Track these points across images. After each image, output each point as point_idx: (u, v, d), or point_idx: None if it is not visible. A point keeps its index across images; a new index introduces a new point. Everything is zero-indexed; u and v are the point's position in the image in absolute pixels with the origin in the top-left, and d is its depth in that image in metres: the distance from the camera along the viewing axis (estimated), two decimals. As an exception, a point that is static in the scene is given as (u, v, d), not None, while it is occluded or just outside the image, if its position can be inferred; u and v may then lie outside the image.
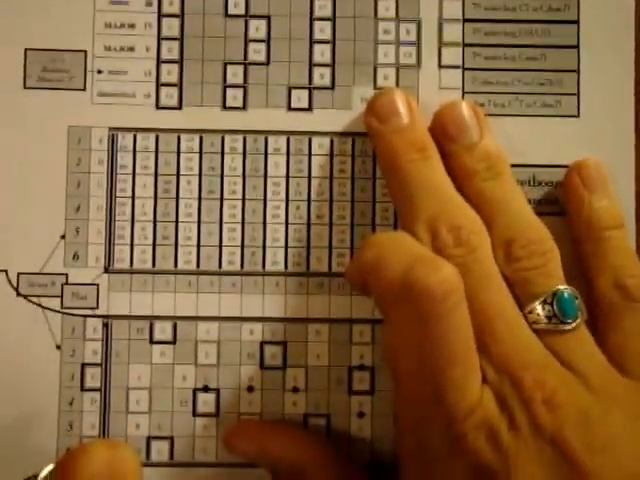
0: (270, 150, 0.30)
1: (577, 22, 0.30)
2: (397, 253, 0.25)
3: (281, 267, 0.29)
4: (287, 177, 0.30)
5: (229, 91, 0.30)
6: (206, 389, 0.29)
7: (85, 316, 0.29)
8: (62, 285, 0.29)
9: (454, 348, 0.24)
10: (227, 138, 0.30)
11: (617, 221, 0.28)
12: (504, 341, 0.25)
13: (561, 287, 0.26)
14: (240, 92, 0.30)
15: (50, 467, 0.21)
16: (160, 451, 0.29)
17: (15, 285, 0.29)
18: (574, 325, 0.26)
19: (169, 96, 0.30)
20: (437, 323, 0.24)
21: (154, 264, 0.29)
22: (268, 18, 0.30)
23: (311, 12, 0.30)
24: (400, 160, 0.28)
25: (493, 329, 0.25)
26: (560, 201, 0.30)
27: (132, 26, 0.30)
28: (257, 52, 0.30)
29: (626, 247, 0.28)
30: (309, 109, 0.30)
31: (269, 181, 0.30)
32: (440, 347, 0.24)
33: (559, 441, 0.24)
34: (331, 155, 0.30)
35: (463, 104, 0.29)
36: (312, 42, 0.30)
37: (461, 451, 0.24)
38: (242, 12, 0.30)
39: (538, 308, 0.26)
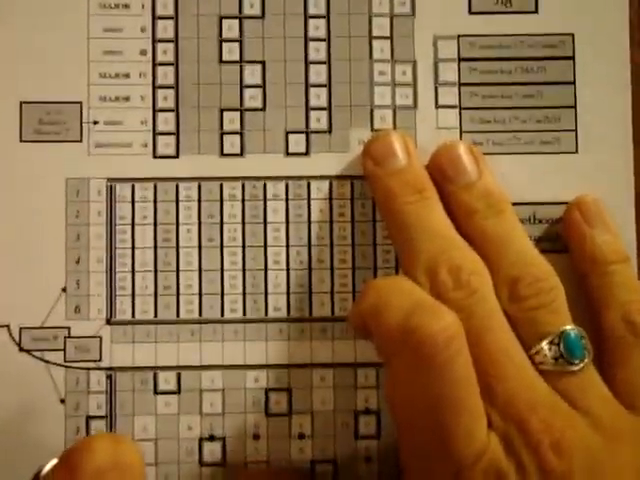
0: (269, 196, 0.30)
1: (573, 58, 0.30)
2: (397, 298, 0.25)
3: (284, 313, 0.29)
4: (287, 222, 0.29)
5: (226, 138, 0.30)
6: (212, 438, 0.29)
7: (89, 369, 0.29)
8: (65, 338, 0.29)
9: (458, 395, 0.24)
10: (225, 185, 0.30)
11: (620, 255, 0.28)
12: (509, 383, 0.25)
13: (568, 327, 0.26)
14: (237, 139, 0.30)
15: (54, 461, 0.21)
16: (168, 502, 0.29)
17: (17, 340, 0.29)
18: (581, 366, 0.25)
19: (166, 145, 0.30)
20: (439, 371, 0.24)
21: (156, 314, 0.29)
22: (263, 63, 0.30)
23: (306, 55, 0.30)
24: (397, 202, 0.27)
25: (497, 371, 0.25)
26: (561, 238, 0.30)
27: (127, 76, 0.30)
28: (253, 98, 0.30)
29: (632, 281, 0.28)
30: (307, 153, 0.30)
31: (269, 227, 0.30)
32: (444, 395, 0.24)
33: None
34: (330, 199, 0.30)
35: (460, 144, 0.28)
36: (308, 86, 0.30)
37: None
38: (236, 58, 0.30)
39: (545, 349, 0.25)
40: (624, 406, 0.26)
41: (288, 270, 0.29)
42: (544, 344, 0.25)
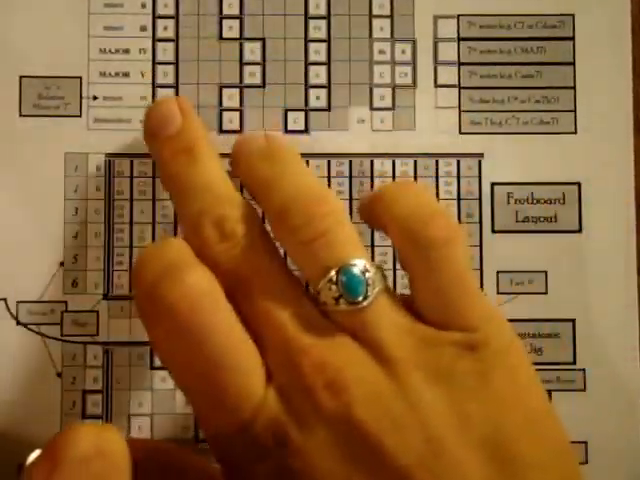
0: (267, 173, 0.30)
1: (573, 39, 0.30)
2: (151, 263, 0.24)
3: (281, 290, 0.29)
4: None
5: (225, 115, 0.30)
6: (208, 414, 0.29)
7: (85, 343, 0.29)
8: (62, 313, 0.29)
9: (219, 355, 0.22)
10: (224, 162, 0.29)
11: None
12: (282, 329, 0.23)
13: (347, 260, 0.23)
14: (236, 115, 0.30)
15: (37, 452, 0.20)
16: (163, 477, 0.29)
17: (15, 314, 0.29)
18: (367, 302, 0.23)
19: (165, 121, 0.29)
20: (192, 336, 0.22)
21: (153, 290, 0.29)
22: (263, 40, 0.30)
23: (306, 34, 0.30)
24: (168, 169, 0.26)
25: (271, 320, 0.23)
26: (560, 219, 0.30)
27: (127, 51, 0.30)
28: (252, 75, 0.30)
29: (414, 196, 0.25)
30: (306, 131, 0.30)
31: (267, 204, 0.29)
32: (205, 358, 0.22)
33: (348, 424, 0.22)
34: (329, 176, 0.30)
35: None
36: (307, 64, 0.30)
37: (257, 457, 0.23)
38: (236, 35, 0.30)
39: (323, 289, 0.23)
40: (436, 327, 0.23)
41: (286, 247, 0.29)
42: (322, 283, 0.23)
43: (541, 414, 0.23)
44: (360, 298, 0.23)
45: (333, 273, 0.23)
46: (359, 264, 0.23)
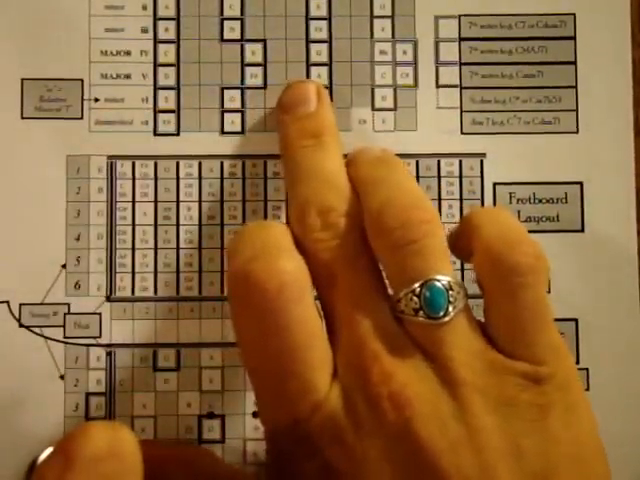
0: (269, 174, 0.30)
1: (574, 38, 0.30)
2: (249, 242, 0.24)
3: (283, 291, 0.29)
4: (287, 201, 0.29)
5: (227, 116, 0.30)
6: (211, 415, 0.29)
7: (88, 345, 0.29)
8: (64, 315, 0.29)
9: (295, 342, 0.23)
10: (226, 163, 0.30)
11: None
12: (359, 331, 0.23)
13: (434, 276, 0.23)
14: (238, 117, 0.30)
15: (50, 450, 0.20)
16: (166, 479, 0.29)
17: (17, 316, 0.29)
18: (446, 319, 0.23)
19: (167, 122, 0.30)
20: (272, 319, 0.23)
21: (156, 291, 0.29)
22: (264, 42, 0.30)
23: (307, 34, 0.30)
24: (291, 147, 0.27)
25: (350, 319, 0.23)
26: (562, 218, 0.30)
27: (128, 53, 0.30)
28: (254, 76, 0.30)
29: (502, 220, 0.25)
30: (307, 132, 0.30)
31: (269, 205, 0.30)
32: (280, 341, 0.23)
33: (406, 439, 0.22)
34: (330, 177, 0.30)
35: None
36: (309, 65, 0.30)
37: (307, 454, 0.23)
38: (238, 36, 0.30)
39: (406, 298, 0.23)
40: (505, 353, 0.23)
41: (288, 248, 0.29)
42: (405, 292, 0.23)
43: (592, 454, 0.23)
44: (440, 314, 0.23)
45: (417, 285, 0.23)
46: (444, 280, 0.23)
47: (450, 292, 0.23)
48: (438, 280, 0.23)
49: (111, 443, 0.20)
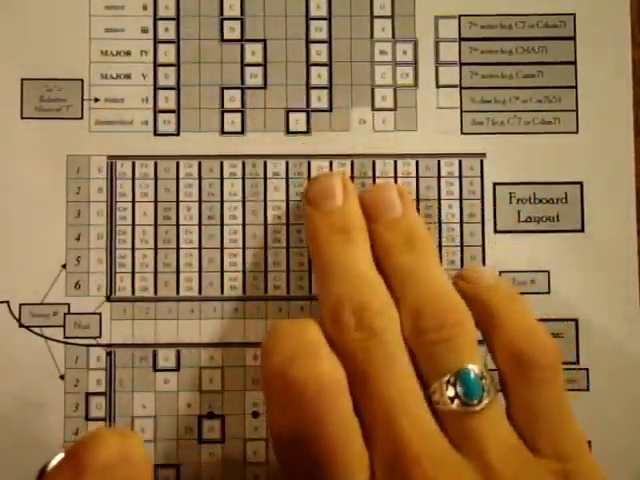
0: (269, 174, 0.30)
1: (574, 38, 0.30)
2: (285, 342, 0.24)
3: (283, 291, 0.29)
4: (287, 201, 0.30)
5: (227, 116, 0.30)
6: (211, 416, 0.29)
7: (88, 345, 0.29)
8: (64, 315, 0.29)
9: (331, 446, 0.23)
10: (226, 163, 0.30)
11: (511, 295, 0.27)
12: (398, 434, 0.23)
13: (468, 365, 0.24)
14: (238, 117, 0.30)
15: (60, 456, 0.20)
16: (167, 479, 0.29)
17: (17, 316, 0.29)
18: (479, 408, 0.24)
19: (167, 122, 0.30)
20: (311, 420, 0.23)
21: (156, 291, 0.29)
22: (264, 42, 0.30)
23: (307, 35, 0.30)
24: (321, 242, 0.27)
25: (388, 421, 0.23)
26: (561, 218, 0.30)
27: (128, 53, 0.30)
28: (254, 76, 0.30)
29: (523, 317, 0.26)
30: (307, 132, 0.30)
31: (269, 205, 0.30)
32: (316, 445, 0.23)
33: None
34: (331, 178, 0.30)
35: (387, 184, 0.29)
36: (309, 65, 0.30)
37: None
38: (238, 36, 0.30)
39: (441, 388, 0.24)
40: (529, 449, 0.24)
41: (288, 248, 0.29)
42: (440, 383, 0.24)
43: None
44: (475, 401, 0.24)
45: (452, 375, 0.24)
46: (476, 369, 0.24)
47: (483, 380, 0.24)
48: (471, 369, 0.24)
49: (122, 449, 0.20)
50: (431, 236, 0.28)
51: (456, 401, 0.24)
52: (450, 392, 0.24)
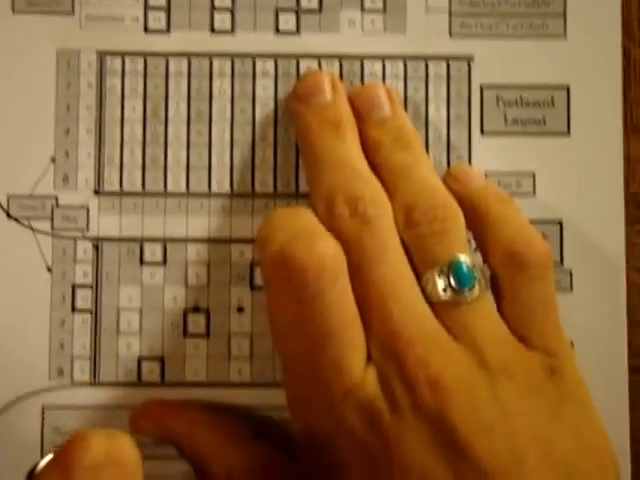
0: (258, 73, 0.30)
1: (563, -57, 0.30)
2: (283, 227, 0.25)
3: (270, 188, 0.29)
4: (275, 99, 0.30)
5: (217, 14, 0.30)
6: (196, 310, 0.29)
7: (75, 238, 0.29)
8: (52, 207, 0.29)
9: (330, 327, 0.23)
10: (215, 61, 0.30)
11: (500, 196, 0.27)
12: (392, 317, 0.24)
13: (459, 256, 0.24)
14: (228, 15, 0.30)
15: (49, 457, 0.20)
16: (151, 372, 0.29)
17: (5, 207, 0.29)
18: (472, 297, 0.24)
19: (157, 20, 0.30)
20: (311, 301, 0.23)
21: (144, 186, 0.29)
22: (255, -59, 0.30)
23: (298, -64, 0.30)
24: (312, 137, 0.27)
25: (382, 305, 0.24)
26: (546, 121, 0.30)
27: (120, -50, 0.30)
28: (244, -24, 0.30)
29: (514, 217, 0.27)
30: (297, 32, 0.30)
31: (257, 103, 0.30)
32: (316, 325, 0.24)
33: (442, 422, 0.23)
34: (319, 77, 0.30)
35: (377, 85, 0.29)
36: (299, -35, 0.30)
37: (342, 433, 0.23)
38: (229, -64, 0.30)
39: (433, 278, 0.24)
40: (519, 340, 0.25)
41: (275, 146, 0.30)
42: (432, 273, 0.24)
43: (605, 448, 0.24)
44: (466, 291, 0.24)
45: (444, 265, 0.24)
46: (468, 261, 0.25)
47: (475, 272, 0.24)
48: (463, 260, 0.24)
49: (110, 451, 0.20)
50: (420, 136, 0.28)
51: (448, 291, 0.24)
52: (442, 282, 0.24)
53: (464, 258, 0.25)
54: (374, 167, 0.27)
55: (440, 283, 0.24)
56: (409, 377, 0.23)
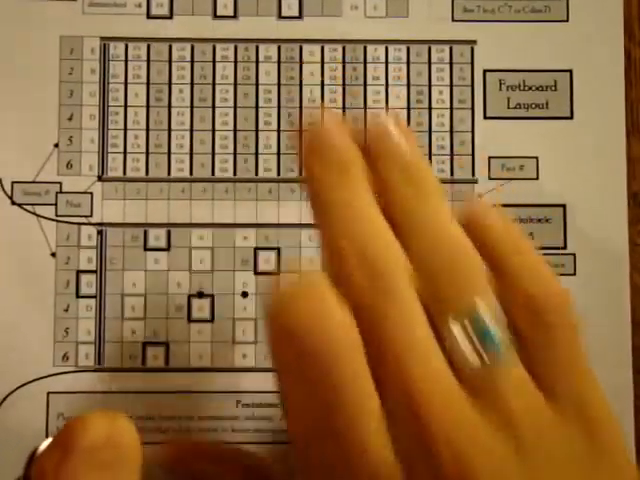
0: (261, 58, 0.30)
1: None
2: (296, 302, 0.21)
3: (274, 173, 0.30)
4: (278, 85, 0.30)
5: (220, 0, 0.30)
6: (201, 295, 0.29)
7: (79, 224, 0.29)
8: (56, 193, 0.29)
9: (340, 385, 0.21)
10: (218, 47, 0.30)
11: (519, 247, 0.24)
12: (410, 381, 0.21)
13: (480, 312, 0.22)
14: (230, 1, 0.30)
15: (49, 440, 0.21)
16: (155, 356, 0.29)
17: (10, 194, 0.29)
18: (499, 359, 0.22)
19: (160, 5, 0.30)
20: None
21: (147, 172, 0.29)
22: None
23: None
24: (319, 185, 0.23)
25: (399, 367, 0.21)
26: (549, 105, 0.30)
27: (122, -64, 0.30)
28: (247, -39, 0.30)
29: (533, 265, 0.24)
30: (299, 17, 0.30)
31: (260, 89, 0.30)
32: (325, 383, 0.21)
33: None
34: (322, 62, 0.30)
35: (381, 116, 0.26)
36: (302, -49, 0.30)
37: None
38: None
39: (452, 335, 0.22)
40: (545, 394, 0.22)
41: (279, 131, 0.30)
42: (452, 330, 0.22)
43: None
44: (493, 353, 0.21)
45: (465, 319, 0.22)
46: (490, 315, 0.22)
47: (498, 329, 0.22)
48: (485, 315, 0.22)
49: (109, 432, 0.20)
50: (432, 171, 0.24)
51: (470, 348, 0.22)
52: (463, 340, 0.21)
53: (485, 313, 0.22)
54: (384, 209, 0.24)
55: (463, 344, 0.22)
56: (431, 453, 0.20)
